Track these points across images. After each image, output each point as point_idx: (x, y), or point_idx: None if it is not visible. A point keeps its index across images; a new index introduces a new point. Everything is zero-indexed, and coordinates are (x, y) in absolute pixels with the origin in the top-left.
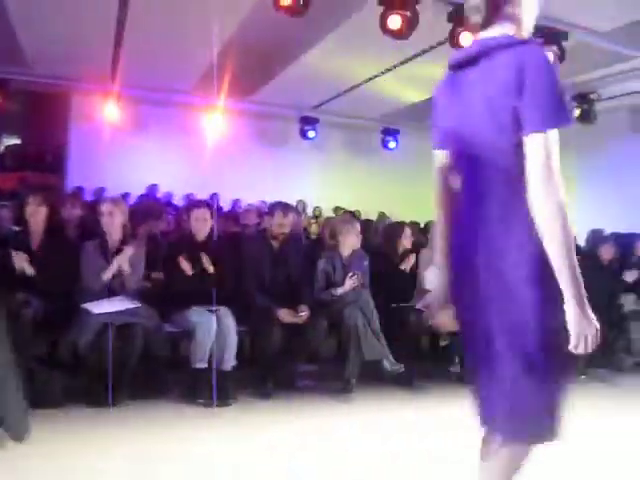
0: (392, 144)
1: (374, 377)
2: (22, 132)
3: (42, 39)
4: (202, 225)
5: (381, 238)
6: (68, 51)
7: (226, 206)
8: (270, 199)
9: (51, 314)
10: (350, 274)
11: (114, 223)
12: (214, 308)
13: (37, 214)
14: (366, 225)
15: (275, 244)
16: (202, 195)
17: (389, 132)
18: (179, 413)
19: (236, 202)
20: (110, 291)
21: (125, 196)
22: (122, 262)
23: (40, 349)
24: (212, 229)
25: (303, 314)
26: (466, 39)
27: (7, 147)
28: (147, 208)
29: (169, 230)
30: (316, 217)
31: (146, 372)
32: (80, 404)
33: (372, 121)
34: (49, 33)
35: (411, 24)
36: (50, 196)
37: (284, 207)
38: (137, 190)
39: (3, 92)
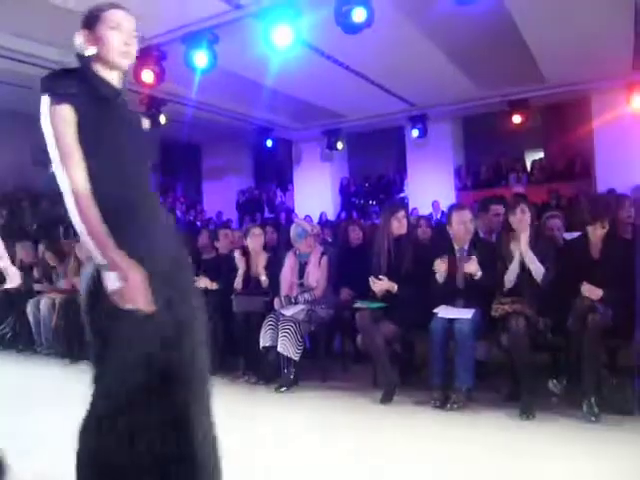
0: None
1: None
2: (545, 145)
3: (554, 51)
4: None
5: None
6: (581, 55)
7: None
8: None
9: (616, 320)
10: None
11: None
12: None
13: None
14: None
15: None
16: None
17: None
18: None
19: None
20: None
21: None
22: None
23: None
24: None
25: None
26: None
27: (533, 162)
28: None
29: None
30: None
31: None
32: None
33: None
34: (560, 43)
35: None
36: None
37: None
38: None
39: (524, 111)
